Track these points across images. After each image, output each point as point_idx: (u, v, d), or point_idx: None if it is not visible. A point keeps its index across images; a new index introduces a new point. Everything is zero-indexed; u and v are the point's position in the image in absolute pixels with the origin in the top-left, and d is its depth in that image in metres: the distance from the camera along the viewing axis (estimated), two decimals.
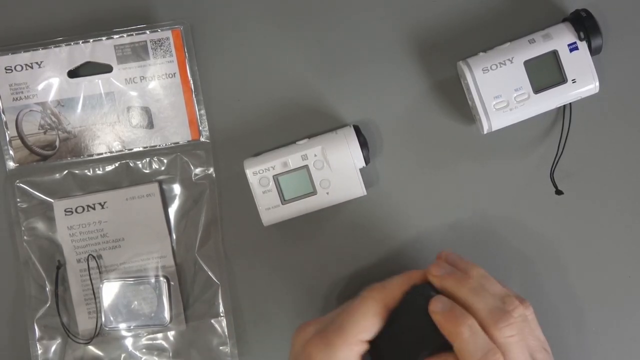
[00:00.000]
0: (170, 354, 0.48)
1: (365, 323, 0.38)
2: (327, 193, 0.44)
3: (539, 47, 0.44)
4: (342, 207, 0.47)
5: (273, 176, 0.44)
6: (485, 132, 0.46)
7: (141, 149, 0.47)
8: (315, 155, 0.44)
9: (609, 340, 0.48)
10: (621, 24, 0.47)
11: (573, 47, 0.44)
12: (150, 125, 0.47)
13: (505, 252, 0.48)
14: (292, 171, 0.44)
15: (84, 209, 0.47)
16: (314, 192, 0.44)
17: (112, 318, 0.47)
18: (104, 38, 0.46)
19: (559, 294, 0.48)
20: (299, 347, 0.39)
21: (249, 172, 0.45)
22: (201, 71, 0.48)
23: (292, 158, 0.44)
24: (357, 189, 0.45)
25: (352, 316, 0.38)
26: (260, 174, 0.44)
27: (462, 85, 0.47)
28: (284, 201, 0.44)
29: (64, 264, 0.47)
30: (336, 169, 0.44)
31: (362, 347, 0.38)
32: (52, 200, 0.47)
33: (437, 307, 0.36)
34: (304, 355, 0.38)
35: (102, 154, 0.47)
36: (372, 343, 0.38)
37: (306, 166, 0.44)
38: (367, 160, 0.45)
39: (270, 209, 0.45)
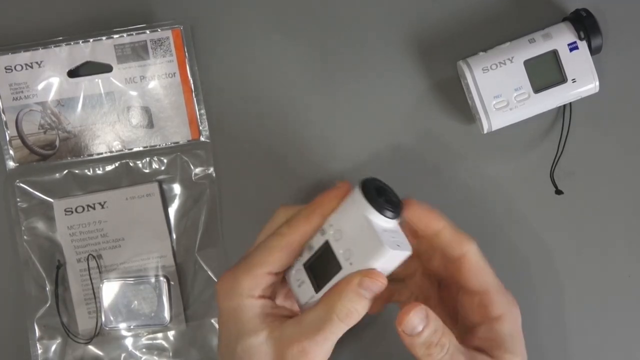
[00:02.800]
0: (170, 354, 0.48)
1: (270, 258, 0.36)
2: (351, 264, 0.36)
3: (538, 47, 0.44)
4: None
5: (303, 265, 0.38)
6: (485, 131, 0.46)
7: (141, 148, 0.47)
8: (332, 225, 0.37)
9: (608, 340, 0.48)
10: (621, 23, 0.47)
11: (573, 47, 0.44)
12: (150, 125, 0.47)
13: (505, 252, 0.48)
14: (318, 253, 0.37)
15: (84, 208, 0.47)
16: (339, 268, 0.36)
17: (112, 318, 0.47)
18: (104, 38, 0.46)
19: (559, 294, 0.48)
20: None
21: (287, 274, 0.38)
22: (201, 71, 0.48)
23: (314, 239, 0.37)
24: (376, 246, 0.35)
25: (258, 249, 0.37)
26: (293, 268, 0.38)
27: (462, 85, 0.47)
28: (316, 289, 0.37)
29: (64, 264, 0.47)
30: (352, 235, 0.36)
31: (270, 279, 0.37)
32: (52, 200, 0.47)
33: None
34: (216, 289, 0.38)
35: (102, 153, 0.47)
36: None
37: (327, 242, 0.37)
38: (396, 215, 0.36)
39: (309, 303, 0.37)
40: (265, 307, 0.36)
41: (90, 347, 0.47)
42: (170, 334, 0.48)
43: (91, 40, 0.46)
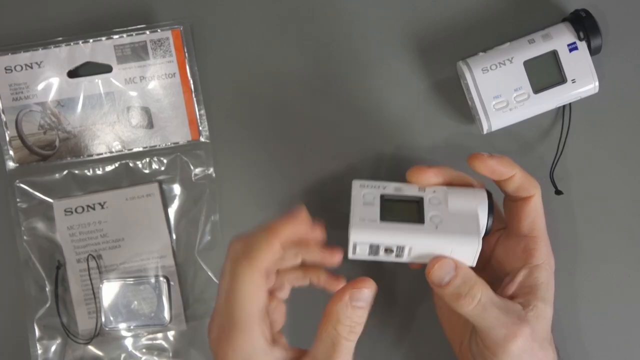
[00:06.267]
0: (170, 354, 0.48)
1: (250, 302, 0.35)
2: (436, 227, 0.37)
3: (538, 47, 0.44)
4: (344, 205, 0.47)
5: (381, 195, 0.38)
6: (485, 132, 0.46)
7: (141, 149, 0.47)
8: (434, 191, 0.38)
9: (608, 340, 0.48)
10: (621, 24, 0.47)
11: (573, 47, 0.44)
12: (150, 125, 0.47)
13: None
14: (404, 198, 0.38)
15: (84, 209, 0.47)
16: (420, 222, 0.37)
17: (112, 318, 0.47)
18: (103, 38, 0.46)
19: (559, 294, 0.48)
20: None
21: (355, 185, 0.38)
22: (201, 71, 0.48)
23: (407, 187, 0.38)
24: (471, 240, 0.37)
25: (235, 301, 0.35)
26: (367, 188, 0.38)
27: (462, 85, 0.47)
28: (382, 219, 0.37)
29: (64, 264, 0.47)
30: (452, 212, 0.38)
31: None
32: (52, 200, 0.47)
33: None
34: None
35: (102, 154, 0.47)
36: None
37: (421, 198, 0.38)
38: (487, 231, 0.39)
39: (365, 220, 0.37)
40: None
41: (90, 347, 0.47)
42: (170, 334, 0.48)
43: (91, 40, 0.46)
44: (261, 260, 0.35)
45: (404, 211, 0.38)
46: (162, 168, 0.48)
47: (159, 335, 0.48)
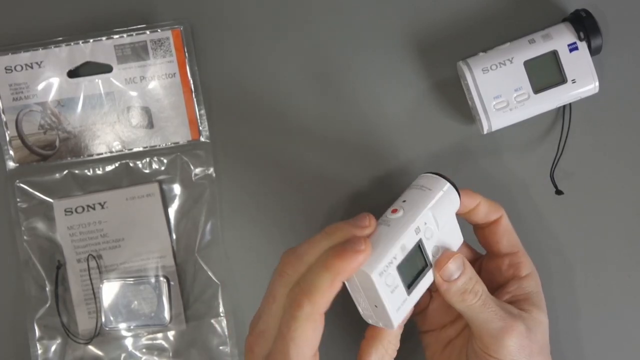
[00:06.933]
0: (170, 354, 0.48)
1: (308, 344, 0.34)
2: (436, 256, 0.38)
3: (538, 47, 0.44)
4: (347, 206, 0.47)
5: (397, 268, 0.35)
6: (485, 132, 0.46)
7: (141, 149, 0.47)
8: (426, 224, 0.37)
9: (608, 340, 0.48)
10: (621, 24, 0.47)
11: (573, 47, 0.44)
12: (150, 125, 0.47)
13: None
14: (410, 253, 0.36)
15: (84, 209, 0.47)
16: (428, 265, 0.38)
17: (112, 318, 0.47)
18: (104, 38, 0.46)
19: (559, 294, 0.48)
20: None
21: (375, 277, 0.34)
22: (201, 71, 0.48)
23: (408, 237, 0.36)
24: (458, 240, 0.40)
25: (294, 343, 0.34)
26: (385, 272, 0.35)
27: (462, 85, 0.47)
28: (408, 291, 0.36)
29: (64, 264, 0.47)
30: (443, 231, 0.38)
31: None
32: (52, 200, 0.47)
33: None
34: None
35: (102, 154, 0.47)
36: None
37: (420, 241, 0.37)
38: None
39: (400, 307, 0.36)
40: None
41: (90, 347, 0.47)
42: (170, 334, 0.48)
43: (91, 40, 0.46)
44: (323, 304, 0.34)
45: (415, 264, 0.37)
46: (162, 168, 0.48)
47: (159, 335, 0.48)
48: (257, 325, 0.36)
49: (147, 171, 0.48)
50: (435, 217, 0.38)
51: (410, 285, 0.36)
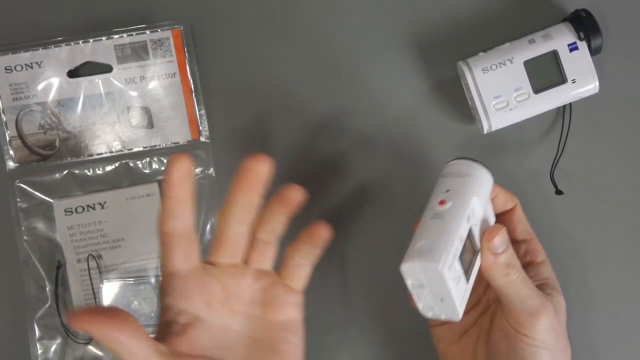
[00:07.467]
0: None
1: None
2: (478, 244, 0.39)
3: (538, 47, 0.44)
4: (347, 206, 0.47)
5: (459, 259, 0.36)
6: (485, 132, 0.46)
7: (141, 149, 0.47)
8: (473, 211, 0.37)
9: (608, 340, 0.48)
10: (621, 24, 0.47)
11: (573, 47, 0.44)
12: (150, 125, 0.47)
13: None
14: (465, 244, 0.37)
15: (84, 209, 0.47)
16: (477, 251, 0.38)
17: None
18: (104, 38, 0.46)
19: None
20: None
21: (445, 271, 0.34)
22: (201, 71, 0.48)
23: (463, 227, 0.36)
24: (492, 220, 0.41)
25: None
26: (452, 265, 0.35)
27: (462, 85, 0.47)
28: (467, 280, 0.37)
29: (64, 264, 0.47)
30: (483, 217, 0.39)
31: None
32: (52, 200, 0.47)
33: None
34: None
35: (102, 154, 0.47)
36: None
37: (470, 230, 0.37)
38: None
39: (463, 296, 0.36)
40: None
41: (90, 347, 0.47)
42: None
43: (91, 40, 0.46)
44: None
45: (468, 252, 0.37)
46: (162, 168, 0.48)
47: None
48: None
49: (147, 171, 0.48)
50: (479, 202, 0.38)
51: (466, 273, 0.37)
